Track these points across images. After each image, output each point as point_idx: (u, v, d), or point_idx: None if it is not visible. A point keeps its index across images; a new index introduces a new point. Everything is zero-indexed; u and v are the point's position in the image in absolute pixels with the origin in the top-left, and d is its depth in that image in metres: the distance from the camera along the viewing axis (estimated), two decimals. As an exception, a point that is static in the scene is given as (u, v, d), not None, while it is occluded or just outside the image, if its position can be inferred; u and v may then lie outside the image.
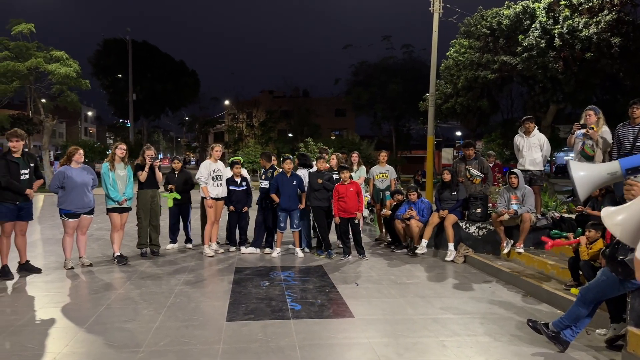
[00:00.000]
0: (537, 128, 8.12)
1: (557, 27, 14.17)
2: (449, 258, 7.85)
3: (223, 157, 8.42)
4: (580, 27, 13.62)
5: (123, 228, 7.55)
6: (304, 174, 8.47)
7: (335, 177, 8.22)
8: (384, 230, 9.56)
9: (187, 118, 52.69)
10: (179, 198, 8.51)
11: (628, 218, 2.73)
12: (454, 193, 8.16)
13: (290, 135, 40.61)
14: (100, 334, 4.50)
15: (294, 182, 8.03)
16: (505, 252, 7.42)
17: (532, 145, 7.95)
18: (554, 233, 7.04)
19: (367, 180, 9.53)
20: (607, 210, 2.90)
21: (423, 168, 25.57)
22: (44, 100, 24.43)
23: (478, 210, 8.12)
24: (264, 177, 8.47)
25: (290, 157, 8.41)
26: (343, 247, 8.08)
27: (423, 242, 8.03)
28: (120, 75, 39.73)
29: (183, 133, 65.08)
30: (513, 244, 7.38)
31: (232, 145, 38.93)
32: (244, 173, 8.54)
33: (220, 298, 5.70)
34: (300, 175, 8.33)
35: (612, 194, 5.91)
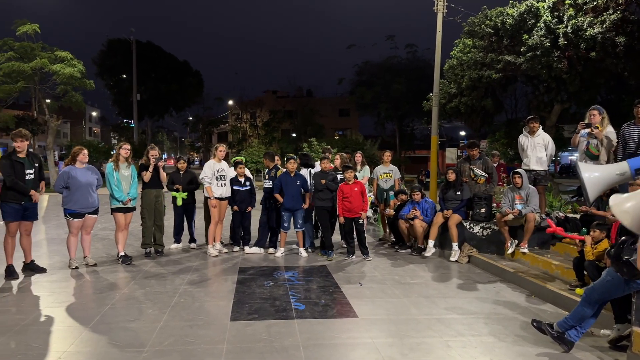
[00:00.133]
0: (541, 128, 8.10)
1: (561, 26, 14.12)
2: (453, 258, 7.84)
3: (227, 157, 8.43)
4: (585, 26, 13.55)
5: (127, 228, 7.57)
6: (305, 174, 8.47)
7: (340, 177, 8.22)
8: (388, 230, 9.55)
9: (191, 118, 52.80)
10: (185, 197, 8.54)
11: (637, 205, 2.74)
12: (458, 193, 8.15)
13: (294, 135, 40.63)
14: (105, 334, 4.52)
15: (298, 182, 8.04)
16: (510, 252, 7.40)
17: (536, 145, 7.93)
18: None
19: (370, 180, 9.53)
20: (616, 198, 2.91)
21: (427, 168, 25.49)
22: (49, 101, 24.52)
23: (482, 210, 8.10)
24: (268, 176, 8.48)
25: (294, 157, 8.40)
26: (347, 247, 8.08)
27: (430, 243, 8.01)
28: (125, 76, 39.87)
29: (187, 133, 65.15)
30: (517, 244, 7.36)
31: (235, 145, 39.02)
32: (247, 173, 8.55)
33: (224, 298, 5.71)
34: (304, 175, 8.33)
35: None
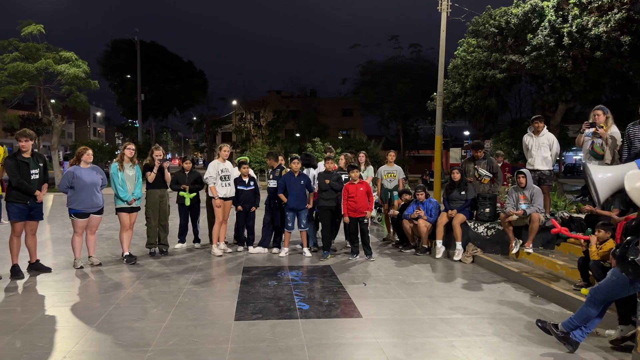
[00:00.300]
0: (546, 127, 8.08)
1: (566, 25, 14.08)
2: (457, 257, 7.83)
3: (231, 157, 8.45)
4: (590, 25, 13.51)
5: (132, 228, 7.59)
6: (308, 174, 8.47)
7: (344, 177, 8.22)
8: (392, 230, 9.55)
9: (195, 118, 52.93)
10: (193, 197, 8.55)
11: None
12: (463, 193, 8.13)
13: (298, 135, 40.65)
14: (110, 333, 4.53)
15: (302, 181, 8.03)
16: (514, 252, 7.38)
17: (541, 145, 7.91)
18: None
19: (374, 180, 9.53)
20: (629, 175, 2.96)
21: (431, 168, 25.48)
22: (54, 101, 24.61)
23: (487, 210, 8.08)
24: (272, 176, 8.49)
25: (298, 157, 8.41)
26: (351, 247, 8.07)
27: (438, 243, 8.01)
28: (129, 76, 39.98)
29: (191, 133, 65.35)
30: (522, 244, 7.35)
31: (239, 145, 39.06)
32: (251, 173, 8.56)
33: (229, 297, 5.71)
34: (308, 175, 8.33)
35: (621, 194, 5.86)
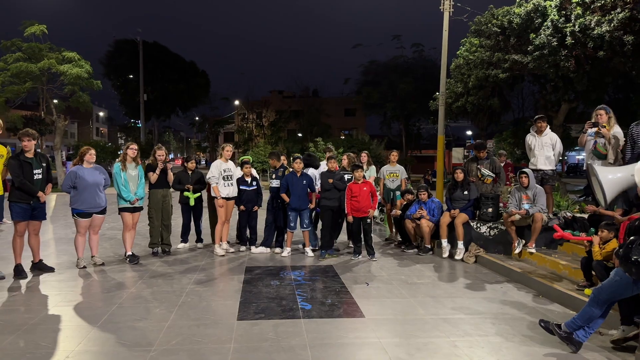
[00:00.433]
0: (549, 127, 8.06)
1: (569, 25, 14.05)
2: (458, 257, 7.82)
3: (233, 157, 8.45)
4: (593, 25, 13.49)
5: (135, 227, 7.60)
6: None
7: (347, 177, 8.22)
8: (394, 230, 9.54)
9: (197, 118, 53.00)
10: (197, 197, 8.54)
11: None
12: (466, 192, 8.12)
13: (300, 135, 40.66)
14: (113, 333, 4.54)
15: (304, 181, 8.04)
16: (517, 252, 7.37)
17: (544, 145, 7.89)
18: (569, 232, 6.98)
19: (377, 180, 9.52)
20: (639, 168, 3.10)
21: (433, 167, 25.46)
22: (56, 101, 24.65)
23: (489, 210, 8.07)
24: (275, 176, 8.49)
25: (301, 157, 8.41)
26: (354, 246, 8.07)
27: (444, 242, 8.00)
28: (132, 76, 40.02)
29: (193, 133, 65.42)
30: (525, 244, 7.33)
31: (242, 145, 39.10)
32: (254, 173, 8.56)
33: (231, 297, 5.72)
34: (311, 175, 8.33)
35: (625, 193, 5.86)
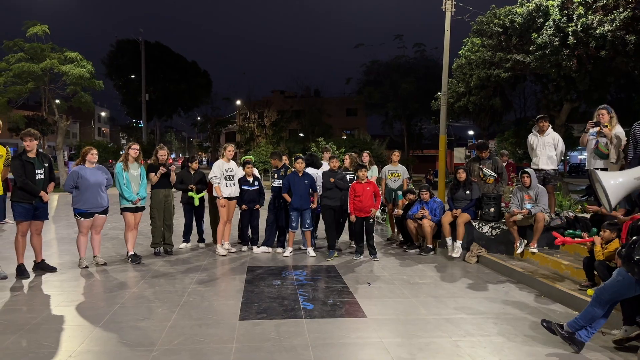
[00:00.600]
0: (551, 127, 8.05)
1: (571, 25, 14.03)
2: (456, 255, 7.80)
3: (235, 156, 8.45)
4: (595, 24, 13.46)
5: (137, 227, 7.61)
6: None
7: (349, 177, 8.21)
8: (396, 230, 9.54)
9: (199, 118, 53.01)
10: (201, 196, 8.54)
11: None
12: (468, 192, 8.11)
13: (302, 135, 40.66)
14: (115, 333, 4.55)
15: (306, 181, 8.04)
16: (519, 252, 7.36)
17: (546, 144, 7.88)
18: (569, 233, 6.97)
19: (379, 180, 9.52)
20: None
21: (435, 167, 25.42)
22: (58, 101, 24.70)
23: (491, 210, 8.06)
24: (277, 176, 8.49)
25: (302, 156, 8.40)
26: (356, 246, 8.07)
27: (448, 241, 7.96)
28: (133, 76, 40.08)
29: (195, 133, 65.44)
30: (527, 244, 7.33)
31: (243, 145, 39.12)
32: (256, 173, 8.56)
33: (233, 297, 5.72)
34: (312, 175, 8.32)
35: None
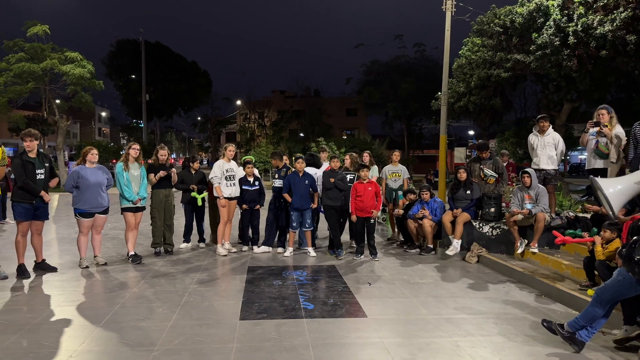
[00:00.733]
0: (551, 127, 8.05)
1: (571, 25, 14.03)
2: (450, 252, 7.80)
3: (235, 156, 8.46)
4: (595, 24, 13.47)
5: (137, 227, 7.61)
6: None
7: (349, 177, 8.21)
8: (397, 230, 9.54)
9: (199, 118, 53.02)
10: (203, 197, 8.53)
11: None
12: (468, 192, 8.11)
13: (302, 135, 40.66)
14: (116, 333, 4.55)
15: (306, 181, 8.03)
16: (519, 252, 7.36)
17: (546, 144, 7.88)
18: (569, 233, 6.96)
19: (379, 180, 9.52)
20: None
21: (435, 167, 25.43)
22: (59, 101, 24.70)
23: (492, 210, 8.06)
24: (277, 176, 8.49)
25: (303, 156, 8.40)
26: (356, 246, 8.07)
27: (451, 238, 7.94)
28: (134, 76, 40.10)
29: (195, 133, 65.43)
30: (527, 244, 7.33)
31: (244, 145, 39.11)
32: (256, 173, 8.56)
33: (234, 297, 5.72)
34: (313, 175, 8.32)
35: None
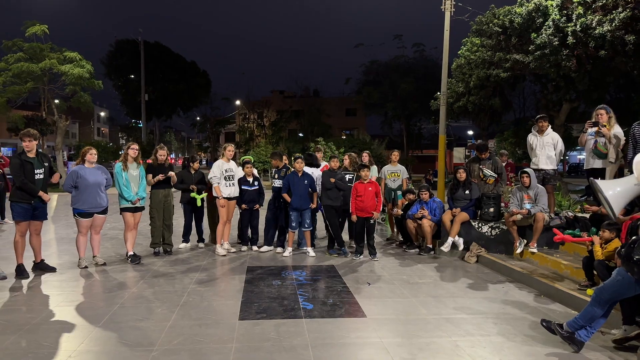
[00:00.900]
0: (550, 127, 8.06)
1: (570, 25, 14.03)
2: (445, 249, 7.82)
3: (235, 156, 8.46)
4: (594, 24, 13.46)
5: (136, 227, 7.61)
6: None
7: (348, 177, 8.21)
8: (396, 230, 9.54)
9: (198, 118, 53.03)
10: (203, 197, 8.53)
11: None
12: (467, 192, 8.11)
13: (301, 135, 40.65)
14: (115, 333, 4.55)
15: (305, 181, 8.03)
16: (519, 251, 7.36)
17: (545, 144, 7.89)
18: (569, 233, 6.96)
19: (378, 180, 9.52)
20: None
21: (434, 167, 25.43)
22: (58, 101, 24.65)
23: (491, 210, 8.07)
24: (277, 176, 8.48)
25: (302, 156, 8.40)
26: (355, 246, 8.07)
27: (459, 240, 7.97)
28: (133, 76, 40.10)
29: (194, 133, 65.44)
30: (526, 244, 7.33)
31: (243, 145, 39.10)
32: (255, 172, 8.56)
33: (233, 297, 5.72)
34: (312, 175, 8.32)
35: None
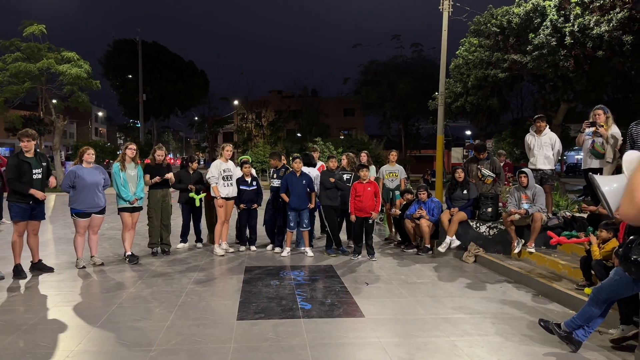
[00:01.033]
0: (548, 127, 8.07)
1: (568, 25, 14.06)
2: (442, 249, 7.82)
3: (233, 157, 8.45)
4: (592, 25, 13.50)
5: (134, 227, 7.60)
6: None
7: (346, 176, 8.21)
8: (394, 230, 9.54)
9: (196, 118, 53.00)
10: (202, 197, 8.52)
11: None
12: (465, 192, 8.12)
13: (299, 135, 40.66)
14: (113, 333, 4.54)
15: (304, 181, 8.03)
16: (516, 251, 7.37)
17: (543, 144, 7.90)
18: (566, 234, 6.97)
19: (376, 180, 9.52)
20: (629, 155, 3.05)
21: (432, 167, 25.48)
22: (55, 101, 24.59)
23: (489, 210, 8.08)
24: (276, 176, 8.48)
25: (300, 156, 8.40)
26: (354, 246, 8.07)
27: (448, 238, 7.98)
28: (131, 76, 40.07)
29: (192, 133, 65.40)
30: (524, 244, 7.34)
31: (241, 145, 39.11)
32: (254, 172, 8.56)
33: (231, 297, 5.72)
34: (310, 175, 8.32)
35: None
